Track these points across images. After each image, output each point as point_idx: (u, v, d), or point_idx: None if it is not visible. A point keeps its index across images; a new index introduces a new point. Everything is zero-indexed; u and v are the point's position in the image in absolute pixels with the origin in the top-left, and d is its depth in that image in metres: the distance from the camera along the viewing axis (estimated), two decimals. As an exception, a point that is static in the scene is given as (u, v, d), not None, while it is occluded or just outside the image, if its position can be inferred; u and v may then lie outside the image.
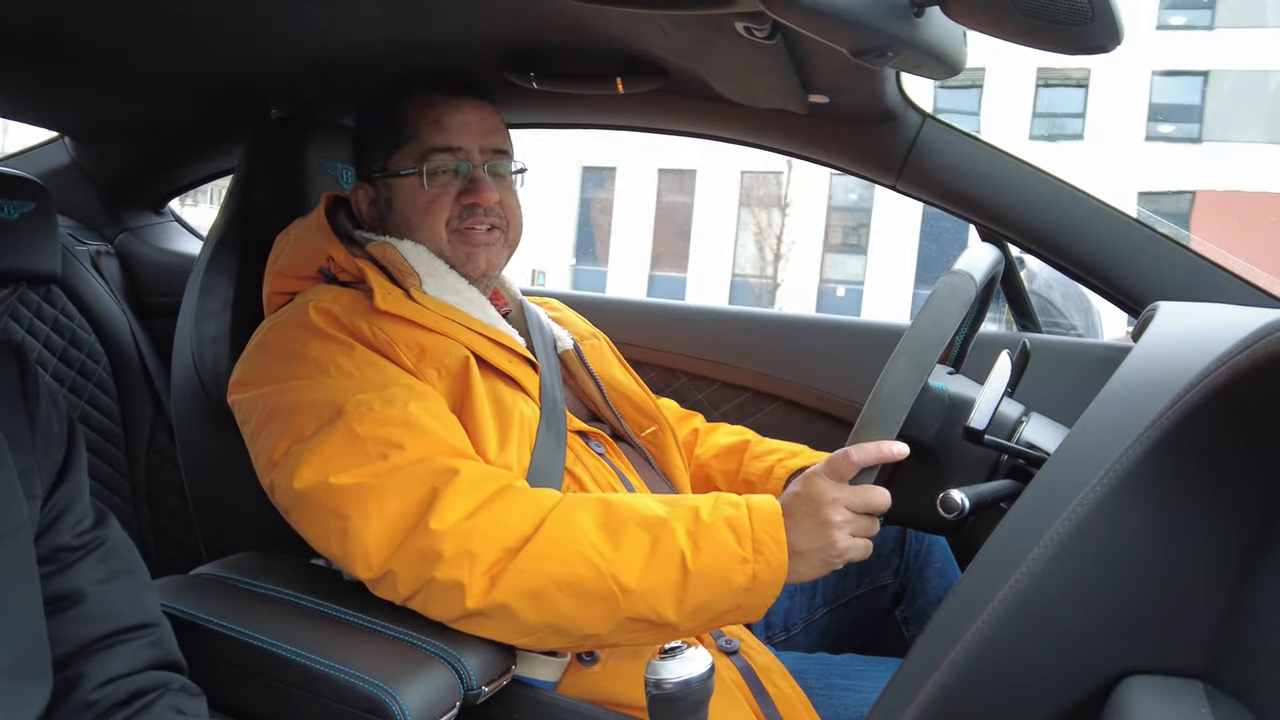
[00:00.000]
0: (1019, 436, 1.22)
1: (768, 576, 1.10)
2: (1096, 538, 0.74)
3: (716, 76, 1.50)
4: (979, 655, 0.78)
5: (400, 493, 1.13)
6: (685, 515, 1.14)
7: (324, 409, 1.19)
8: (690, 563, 1.10)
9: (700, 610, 1.11)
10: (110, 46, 1.54)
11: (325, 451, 1.16)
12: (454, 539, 1.10)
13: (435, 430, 1.19)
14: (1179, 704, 0.68)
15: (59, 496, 0.92)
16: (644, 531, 1.12)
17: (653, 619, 1.10)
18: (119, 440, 2.11)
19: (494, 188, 1.41)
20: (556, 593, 1.09)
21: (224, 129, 2.06)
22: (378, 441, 1.16)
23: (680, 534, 1.11)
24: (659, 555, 1.10)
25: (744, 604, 1.11)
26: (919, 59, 1.05)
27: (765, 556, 1.10)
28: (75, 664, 0.89)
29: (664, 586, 1.09)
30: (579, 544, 1.11)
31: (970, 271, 1.17)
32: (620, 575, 1.09)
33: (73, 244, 2.13)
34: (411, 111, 1.42)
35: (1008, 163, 1.69)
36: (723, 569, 1.10)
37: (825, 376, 1.93)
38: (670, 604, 1.10)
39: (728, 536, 1.11)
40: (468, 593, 1.09)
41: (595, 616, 1.10)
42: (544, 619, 1.10)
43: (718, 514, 1.13)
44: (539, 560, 1.10)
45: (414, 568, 1.11)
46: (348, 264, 1.36)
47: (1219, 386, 0.66)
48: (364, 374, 1.23)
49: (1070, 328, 2.73)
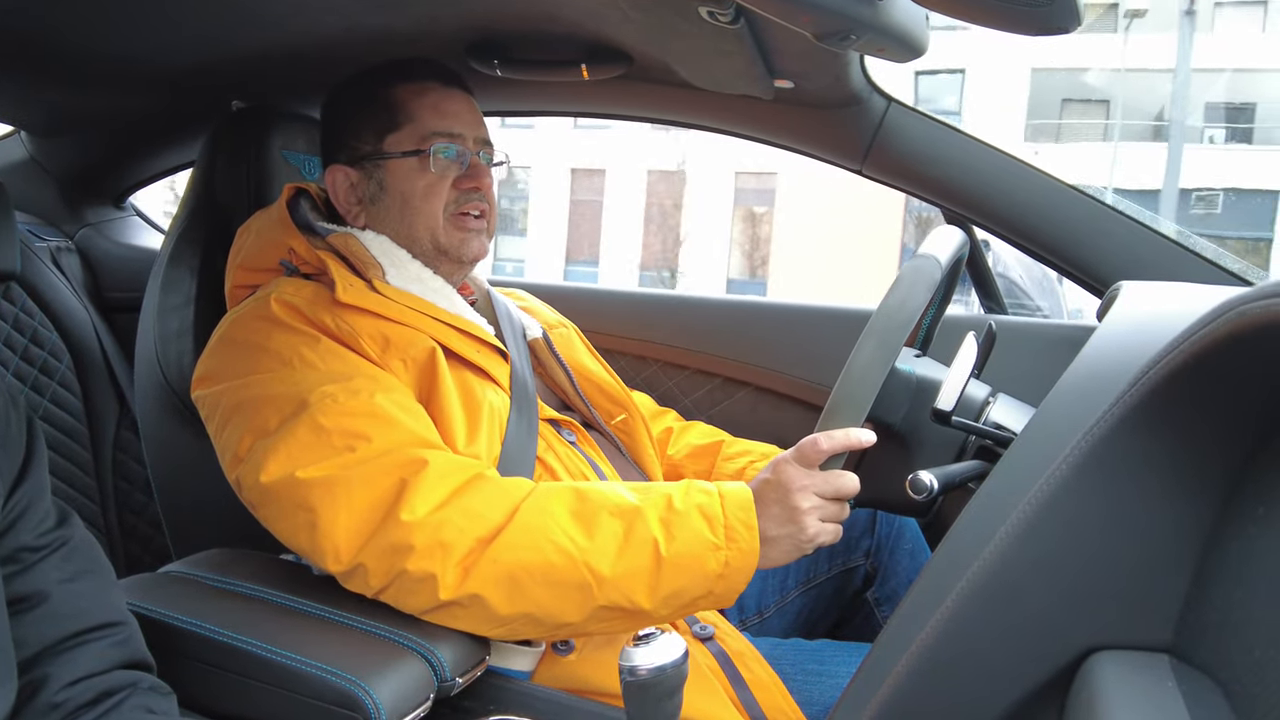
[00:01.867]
0: (986, 417, 1.23)
1: (740, 563, 1.11)
2: (1062, 516, 0.75)
3: (681, 62, 1.49)
4: (949, 635, 0.79)
5: (368, 485, 1.12)
6: (658, 503, 1.14)
7: (287, 402, 1.18)
8: (664, 550, 1.10)
9: (673, 597, 1.11)
10: (66, 38, 1.51)
11: (290, 446, 1.15)
12: (425, 530, 1.09)
13: (402, 421, 1.18)
14: (1146, 678, 0.69)
15: (19, 496, 0.90)
16: (617, 520, 1.12)
17: (626, 607, 1.10)
18: (84, 438, 2.08)
19: (487, 174, 1.43)
20: (530, 582, 1.09)
21: (184, 121, 2.04)
22: (343, 433, 1.15)
23: (653, 522, 1.12)
24: (632, 543, 1.11)
25: (716, 590, 1.12)
26: (882, 42, 1.06)
27: (738, 543, 1.11)
28: (40, 665, 0.88)
29: (637, 574, 1.10)
30: (552, 533, 1.11)
31: (935, 254, 1.17)
32: (594, 563, 1.09)
33: (31, 240, 2.09)
34: (407, 96, 1.41)
35: (973, 146, 1.70)
36: (696, 556, 1.10)
37: (794, 362, 1.93)
38: (644, 592, 1.10)
39: (700, 524, 1.12)
40: (441, 584, 1.09)
41: (569, 605, 1.10)
42: (518, 608, 1.10)
43: (690, 501, 1.14)
44: (512, 550, 1.10)
45: (385, 560, 1.10)
46: (309, 255, 1.35)
47: (1181, 364, 0.67)
48: (328, 365, 1.22)
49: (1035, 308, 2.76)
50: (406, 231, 1.39)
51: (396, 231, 1.40)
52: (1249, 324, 0.60)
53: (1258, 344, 0.61)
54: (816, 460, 1.14)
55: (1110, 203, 1.65)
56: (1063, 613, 0.76)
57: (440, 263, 1.41)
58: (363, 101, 1.44)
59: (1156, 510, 0.72)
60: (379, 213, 1.41)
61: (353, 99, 1.46)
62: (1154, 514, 0.72)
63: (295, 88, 1.80)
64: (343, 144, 1.45)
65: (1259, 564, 0.63)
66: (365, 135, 1.42)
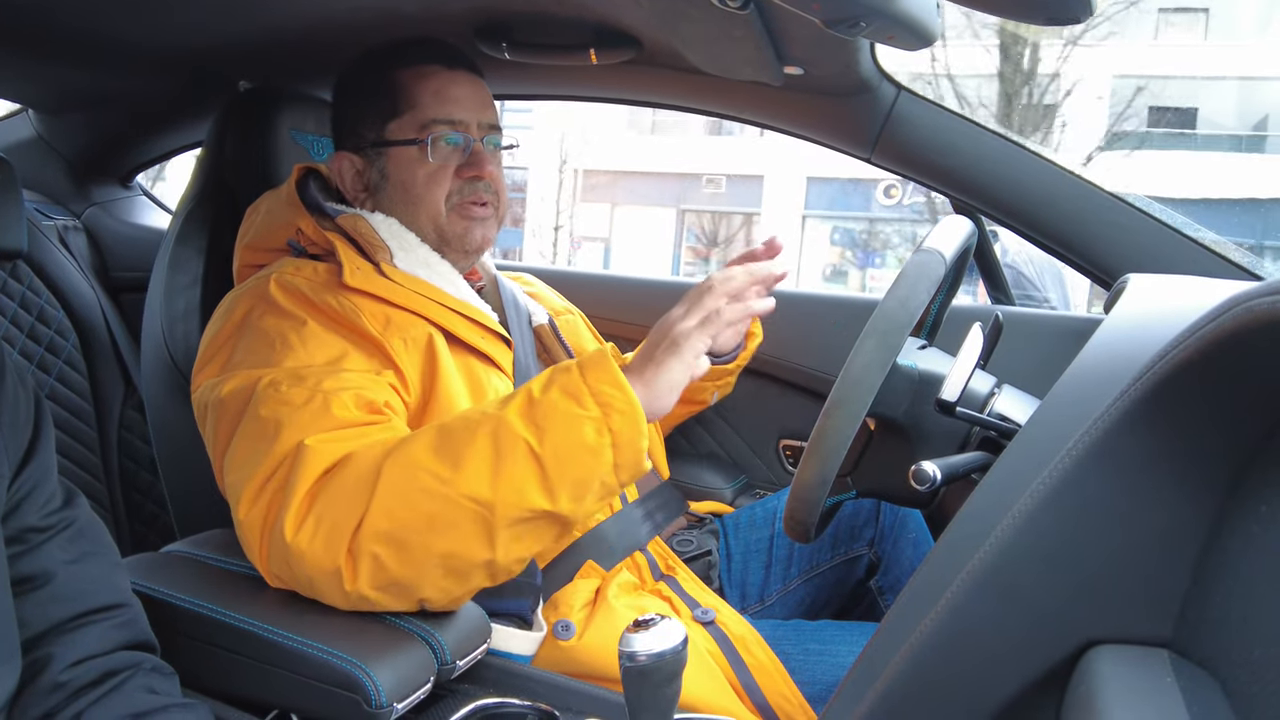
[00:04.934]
0: (990, 409, 1.22)
1: (625, 424, 1.06)
2: (1065, 508, 0.74)
3: (690, 47, 1.49)
4: (950, 624, 0.79)
5: (265, 491, 1.09)
6: (519, 402, 1.08)
7: (245, 390, 1.17)
8: (539, 448, 1.04)
9: (578, 486, 1.05)
10: (75, 16, 1.51)
11: (237, 442, 1.15)
12: (300, 541, 1.05)
13: (330, 409, 1.13)
14: (1145, 672, 0.68)
15: (26, 476, 0.90)
16: (482, 438, 1.06)
17: (533, 517, 1.05)
18: (90, 417, 2.09)
19: (492, 161, 1.40)
20: (420, 538, 1.04)
21: (192, 101, 2.03)
22: (265, 432, 1.12)
23: (517, 423, 1.05)
24: (504, 455, 1.04)
25: (620, 460, 1.06)
26: (891, 29, 1.05)
27: (612, 405, 1.05)
28: (44, 645, 0.88)
29: (524, 482, 1.04)
30: (420, 480, 1.04)
31: (940, 249, 1.17)
32: (472, 492, 1.03)
33: (39, 219, 2.09)
34: (409, 81, 1.39)
35: (982, 136, 1.69)
36: (574, 439, 1.04)
37: (799, 350, 1.93)
38: (540, 495, 1.04)
39: (567, 404, 1.06)
40: (344, 577, 1.05)
41: (473, 541, 1.04)
42: (423, 567, 1.05)
43: (550, 386, 1.08)
44: (387, 517, 1.03)
45: (286, 571, 1.08)
46: (317, 236, 1.34)
47: (1187, 358, 0.66)
48: (308, 350, 1.20)
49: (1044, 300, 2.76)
50: (410, 220, 1.39)
51: (399, 217, 1.39)
52: (1256, 320, 0.59)
53: (1264, 340, 0.61)
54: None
55: (1119, 194, 1.64)
56: (1063, 605, 0.75)
57: (445, 251, 1.40)
58: (366, 86, 1.42)
59: (1159, 505, 0.72)
60: (383, 201, 1.40)
61: (357, 84, 1.44)
62: (1157, 509, 0.72)
63: (303, 69, 1.79)
64: (348, 130, 1.44)
65: (1261, 561, 0.63)
66: (368, 121, 1.41)
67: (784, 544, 1.59)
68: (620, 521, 1.40)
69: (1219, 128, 16.84)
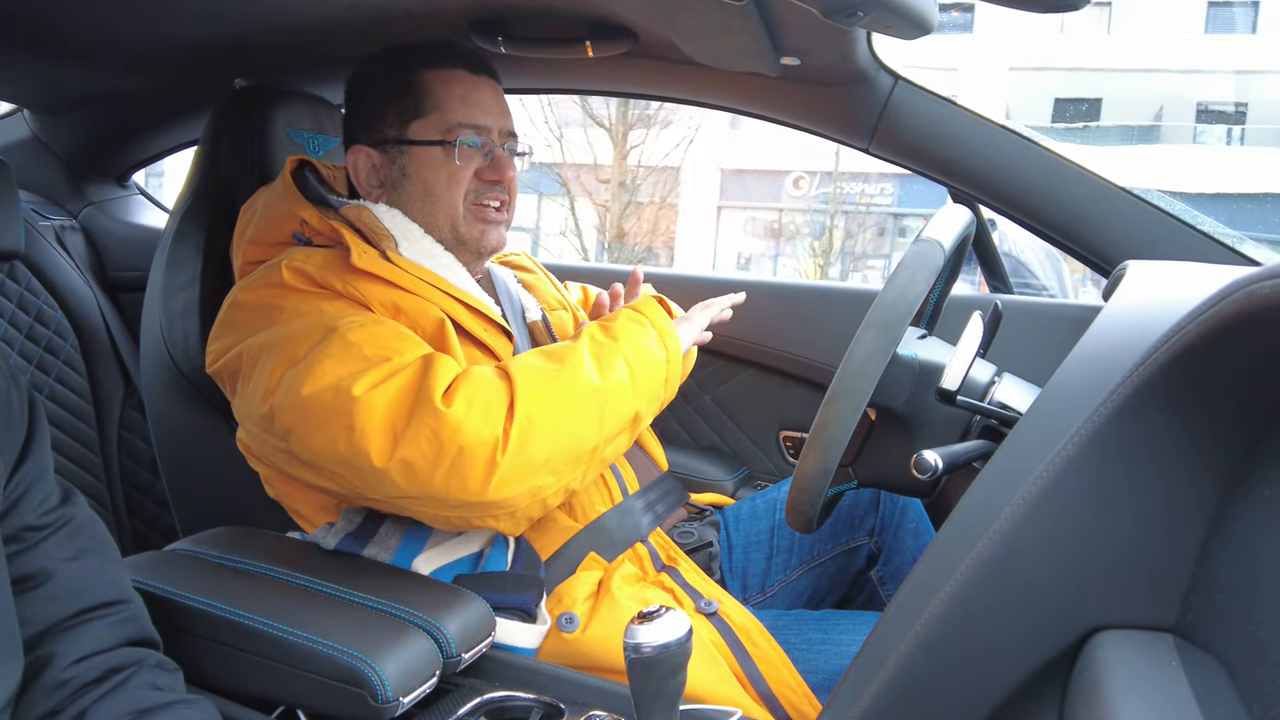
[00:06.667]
0: (991, 397, 1.22)
1: (675, 345, 1.36)
2: (1067, 495, 0.74)
3: (686, 38, 1.48)
4: (953, 612, 0.79)
5: (400, 386, 1.15)
6: (592, 329, 1.33)
7: (315, 331, 1.21)
8: (627, 352, 1.29)
9: (650, 390, 1.31)
10: (70, 16, 1.50)
11: (325, 361, 1.17)
12: (458, 408, 1.13)
13: (417, 339, 1.24)
14: (1149, 658, 0.69)
15: (22, 475, 0.90)
16: (581, 350, 1.26)
17: (629, 410, 1.27)
18: (89, 417, 2.08)
19: (510, 166, 1.43)
20: (553, 418, 1.18)
21: (188, 99, 2.03)
22: (374, 344, 1.18)
23: (602, 336, 1.31)
24: (604, 358, 1.26)
25: (670, 375, 1.35)
26: (889, 18, 1.05)
27: (666, 330, 1.36)
28: (46, 643, 0.88)
29: (620, 380, 1.26)
30: (540, 370, 1.22)
31: (938, 239, 1.17)
32: (587, 378, 1.23)
33: (36, 219, 2.09)
34: (435, 83, 1.40)
35: (980, 125, 1.68)
36: (646, 349, 1.31)
37: (798, 342, 1.93)
38: (630, 392, 1.26)
39: (635, 326, 1.34)
40: (499, 446, 1.13)
41: (589, 421, 1.21)
42: (556, 444, 1.18)
43: (615, 318, 1.36)
44: (528, 400, 1.17)
45: (429, 444, 1.12)
46: (322, 226, 1.34)
47: (1187, 343, 0.66)
48: (343, 312, 1.24)
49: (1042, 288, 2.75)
50: (426, 218, 1.40)
51: (415, 214, 1.40)
52: (1257, 304, 0.60)
53: (1265, 324, 0.61)
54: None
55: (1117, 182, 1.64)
56: (1066, 592, 0.76)
57: (458, 251, 1.41)
58: (389, 83, 1.42)
59: (1162, 490, 0.72)
60: (399, 197, 1.41)
61: (379, 80, 1.43)
62: (1159, 494, 0.72)
63: (299, 65, 1.79)
64: (367, 125, 1.43)
65: (1264, 545, 0.63)
66: (390, 118, 1.41)
67: (785, 534, 1.59)
68: (621, 513, 1.40)
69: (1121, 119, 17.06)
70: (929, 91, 1.70)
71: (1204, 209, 1.62)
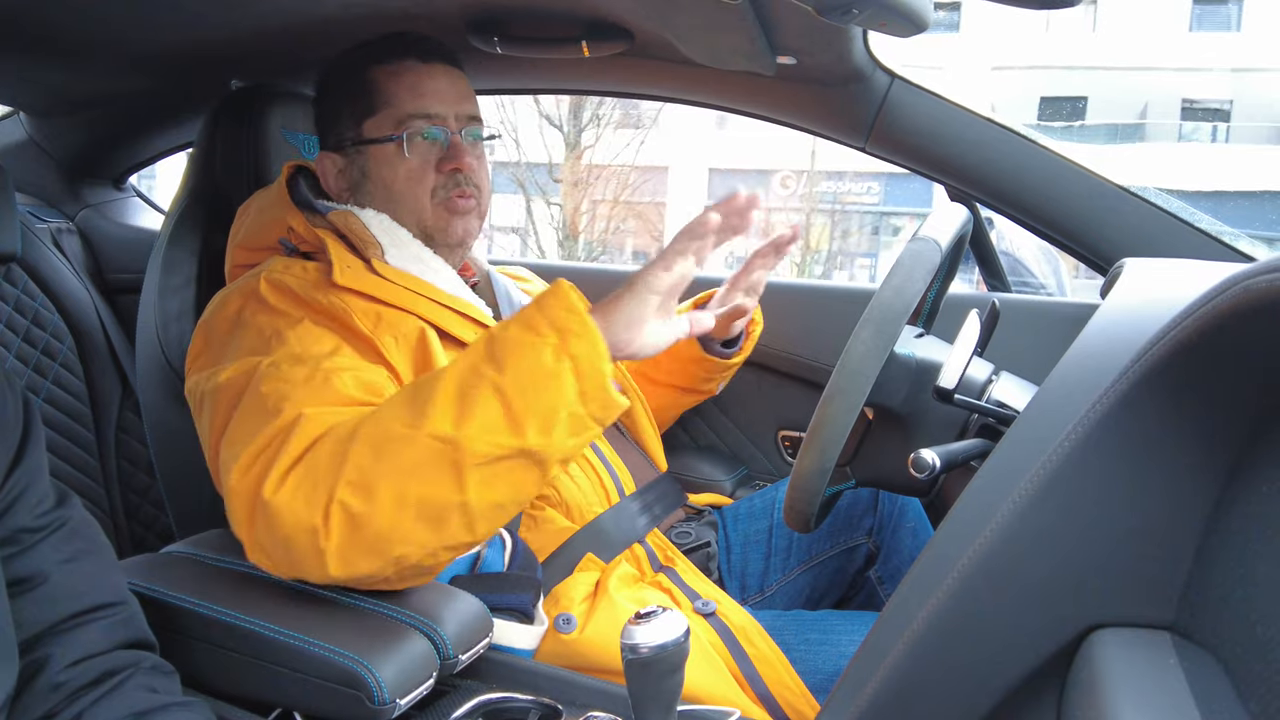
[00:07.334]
0: (989, 395, 1.22)
1: (584, 348, 1.02)
2: (1064, 492, 0.74)
3: (682, 38, 1.48)
4: (951, 611, 0.79)
5: (261, 465, 1.06)
6: (479, 345, 1.07)
7: (242, 379, 1.16)
8: (500, 380, 1.01)
9: (544, 416, 1.01)
10: (65, 18, 1.50)
11: (233, 430, 1.12)
12: (280, 499, 1.02)
13: (326, 382, 1.13)
14: (1147, 655, 0.68)
15: (17, 477, 0.90)
16: (446, 381, 1.04)
17: (501, 453, 1.01)
18: (87, 420, 2.08)
19: (470, 153, 1.39)
20: (388, 483, 1.01)
21: (184, 101, 2.03)
22: (273, 399, 1.10)
23: (479, 363, 1.04)
24: (467, 393, 1.02)
25: (585, 388, 1.02)
26: (884, 15, 1.05)
27: (570, 330, 1.02)
28: (42, 646, 0.88)
29: (488, 417, 1.01)
30: (389, 431, 1.03)
31: (935, 237, 1.17)
32: (436, 431, 1.01)
33: (32, 222, 2.09)
34: (383, 78, 1.38)
35: (977, 123, 1.68)
36: (534, 365, 1.01)
37: (796, 341, 1.93)
38: (506, 429, 1.01)
39: (524, 335, 1.03)
40: (319, 533, 1.01)
41: (441, 482, 1.01)
42: (396, 516, 1.01)
43: (509, 324, 1.06)
44: (358, 468, 1.01)
45: (265, 534, 1.05)
46: (308, 234, 1.34)
47: (1186, 338, 0.66)
48: (303, 345, 1.19)
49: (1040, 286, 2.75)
50: (395, 216, 1.38)
51: (388, 214, 1.38)
52: (1254, 299, 0.59)
53: (1262, 319, 0.60)
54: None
55: (1114, 180, 1.64)
56: (1064, 590, 0.75)
57: (434, 247, 1.39)
58: (341, 86, 1.42)
59: (1159, 487, 0.72)
60: (365, 199, 1.40)
61: (333, 83, 1.44)
62: (1157, 491, 0.72)
63: (294, 66, 1.79)
64: (328, 130, 1.44)
65: (1261, 542, 0.63)
66: (346, 121, 1.40)
67: (783, 534, 1.59)
68: (618, 514, 1.40)
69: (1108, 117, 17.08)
70: (926, 90, 1.70)
71: (1192, 207, 1.62)
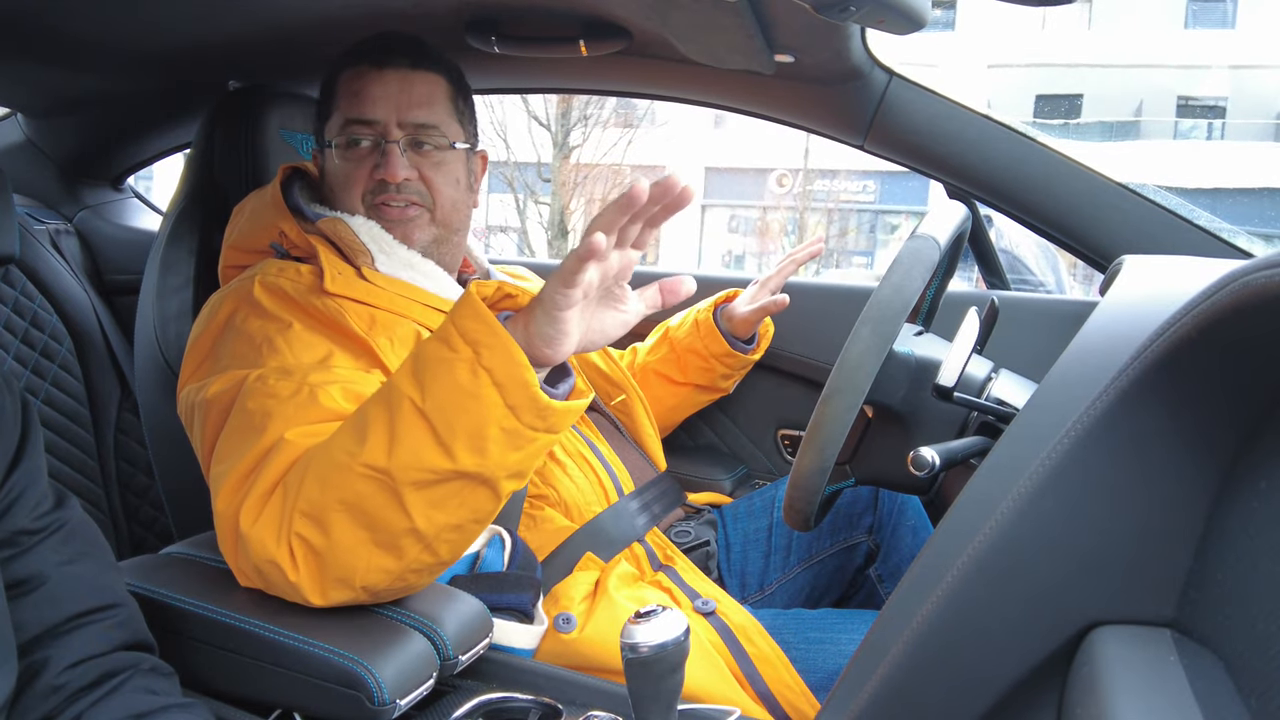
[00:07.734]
0: (988, 393, 1.22)
1: (499, 360, 0.93)
2: (1064, 490, 0.74)
3: (680, 37, 1.48)
4: (951, 610, 0.79)
5: (246, 492, 1.06)
6: (408, 362, 1.00)
7: (232, 390, 1.15)
8: (423, 404, 0.95)
9: (472, 436, 0.95)
10: (62, 19, 1.50)
11: (223, 444, 1.12)
12: (255, 531, 1.03)
13: (311, 398, 1.11)
14: (1148, 653, 0.68)
15: (15, 480, 0.90)
16: (378, 405, 0.99)
17: (436, 476, 0.96)
18: (85, 421, 2.08)
19: (405, 164, 1.35)
20: (337, 515, 0.99)
21: (182, 102, 2.03)
22: (259, 415, 1.09)
23: (404, 384, 0.98)
24: (396, 418, 0.97)
25: (512, 401, 0.94)
26: (882, 13, 1.05)
27: (481, 342, 0.93)
28: (40, 648, 0.88)
29: (417, 442, 0.96)
30: (333, 459, 1.00)
31: (933, 235, 1.17)
32: (370, 460, 0.97)
33: (30, 223, 2.09)
34: (340, 83, 1.39)
35: (976, 120, 1.68)
36: (451, 385, 0.94)
37: (795, 340, 1.93)
38: (436, 453, 0.95)
39: (439, 350, 0.96)
40: (285, 568, 1.01)
41: (386, 510, 0.98)
42: (352, 546, 0.99)
43: (430, 338, 0.99)
44: (307, 500, 1.00)
45: (245, 563, 1.06)
46: (299, 239, 1.34)
47: (1185, 335, 0.66)
48: (295, 353, 1.18)
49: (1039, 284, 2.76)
50: None
51: None
52: (1253, 295, 0.59)
53: (1261, 315, 0.60)
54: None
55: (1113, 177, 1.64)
56: (1064, 588, 0.75)
57: None
58: (321, 87, 1.44)
59: (1159, 484, 0.72)
60: (327, 199, 1.42)
61: (321, 84, 1.46)
62: (1156, 488, 0.72)
63: (292, 67, 1.79)
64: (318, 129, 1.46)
65: (1262, 538, 0.63)
66: (317, 122, 1.44)
67: (783, 533, 1.59)
68: (617, 513, 1.40)
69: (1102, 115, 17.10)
70: (924, 88, 1.69)
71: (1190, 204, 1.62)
